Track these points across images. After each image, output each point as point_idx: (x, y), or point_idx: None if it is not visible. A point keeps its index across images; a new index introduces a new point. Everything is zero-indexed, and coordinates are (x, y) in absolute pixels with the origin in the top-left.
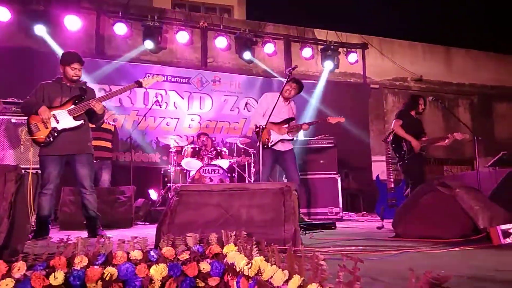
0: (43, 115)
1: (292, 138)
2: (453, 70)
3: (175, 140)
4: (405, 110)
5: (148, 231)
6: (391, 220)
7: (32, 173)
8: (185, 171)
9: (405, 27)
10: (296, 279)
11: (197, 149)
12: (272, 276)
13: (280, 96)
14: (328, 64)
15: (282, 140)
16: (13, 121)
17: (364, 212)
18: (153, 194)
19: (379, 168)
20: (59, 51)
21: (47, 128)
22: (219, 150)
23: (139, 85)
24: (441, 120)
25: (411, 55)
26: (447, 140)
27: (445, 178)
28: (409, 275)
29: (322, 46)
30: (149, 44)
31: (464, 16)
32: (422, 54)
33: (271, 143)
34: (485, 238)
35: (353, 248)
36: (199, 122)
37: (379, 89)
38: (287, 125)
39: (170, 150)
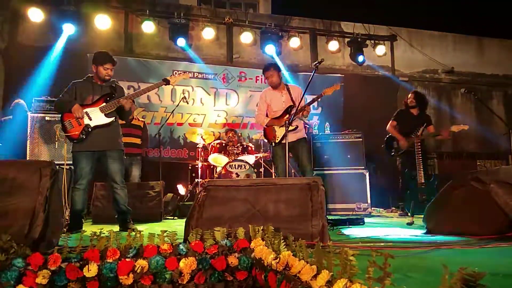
0: (76, 113)
1: (295, 127)
2: (485, 61)
3: (202, 136)
4: (404, 108)
5: (177, 225)
6: (421, 216)
7: (65, 168)
8: (212, 167)
9: (435, 18)
10: (325, 274)
11: (223, 144)
12: (300, 271)
13: (272, 89)
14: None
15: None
16: (47, 118)
17: (393, 208)
18: (181, 189)
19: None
20: (90, 50)
21: (80, 125)
22: (245, 146)
23: (167, 82)
24: (473, 113)
25: (441, 46)
26: (444, 135)
27: (478, 173)
28: (443, 271)
29: (349, 39)
30: (181, 42)
31: (496, 5)
32: (453, 45)
33: (278, 139)
34: None
35: (382, 244)
36: (225, 117)
37: (408, 82)
38: (287, 115)
39: (198, 146)
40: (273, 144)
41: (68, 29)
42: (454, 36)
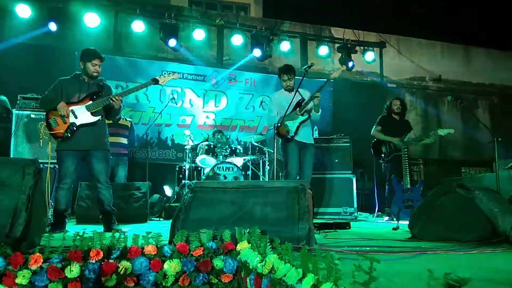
0: (61, 110)
1: (308, 117)
2: (472, 69)
3: (190, 137)
4: (386, 114)
5: (163, 227)
6: (407, 221)
7: (49, 167)
8: (199, 168)
9: (423, 26)
10: (310, 278)
11: (211, 146)
12: (285, 274)
13: (285, 91)
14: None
15: (301, 125)
16: (32, 116)
17: (379, 213)
18: (168, 190)
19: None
20: (77, 48)
21: (65, 123)
22: (233, 148)
23: (156, 82)
24: (459, 120)
25: (429, 54)
26: (429, 138)
27: (463, 180)
28: (428, 276)
29: (338, 45)
30: (172, 42)
31: (484, 15)
32: (441, 53)
33: (291, 133)
34: (504, 241)
35: (368, 248)
36: (214, 119)
37: (396, 89)
38: (298, 109)
39: (185, 147)
40: (288, 137)
41: (54, 26)
42: (442, 45)
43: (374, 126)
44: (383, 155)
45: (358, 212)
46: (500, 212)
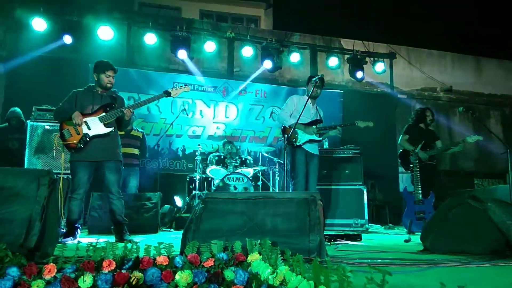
0: (76, 119)
1: (320, 139)
2: (484, 80)
3: (200, 148)
4: (413, 123)
5: (173, 237)
6: (419, 233)
7: (62, 178)
8: (210, 179)
9: (434, 37)
10: None
11: (222, 157)
12: (297, 287)
13: (308, 98)
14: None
15: (310, 141)
16: (46, 127)
17: (391, 225)
18: (179, 201)
19: (407, 180)
20: (91, 60)
21: (78, 134)
22: (243, 159)
23: (168, 95)
24: (471, 132)
25: (440, 65)
26: (459, 146)
27: (476, 191)
28: None
29: (348, 56)
30: (182, 54)
31: (495, 26)
32: (452, 64)
33: (298, 142)
34: None
35: (379, 260)
36: (224, 130)
37: (407, 99)
38: (315, 126)
39: (196, 157)
40: (294, 145)
41: (69, 39)
42: (452, 55)
43: (402, 135)
44: (411, 165)
45: (369, 224)
46: None
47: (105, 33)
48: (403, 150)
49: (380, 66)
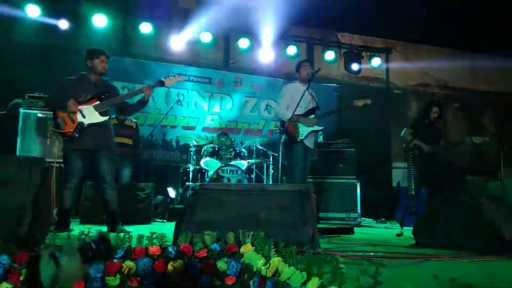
0: (71, 107)
1: (322, 128)
2: (479, 77)
3: (195, 139)
4: (420, 118)
5: (166, 228)
6: (411, 228)
7: (55, 166)
8: (203, 171)
9: (430, 32)
10: (315, 281)
11: (216, 149)
12: (289, 278)
13: (302, 83)
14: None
15: (311, 133)
16: (39, 115)
17: (383, 219)
18: (172, 192)
19: (400, 175)
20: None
21: (73, 122)
22: (238, 151)
23: (162, 84)
24: (465, 128)
25: (436, 61)
26: (463, 144)
27: (469, 188)
28: (434, 282)
29: (345, 50)
30: (177, 44)
31: (490, 23)
32: (447, 60)
33: (301, 136)
34: (509, 249)
35: (371, 253)
36: (219, 122)
37: (402, 94)
38: (313, 115)
39: (190, 149)
40: (297, 140)
41: (64, 25)
42: (449, 52)
43: (406, 129)
44: (420, 158)
45: (362, 218)
46: (505, 220)
47: (100, 21)
48: (408, 143)
49: (376, 61)
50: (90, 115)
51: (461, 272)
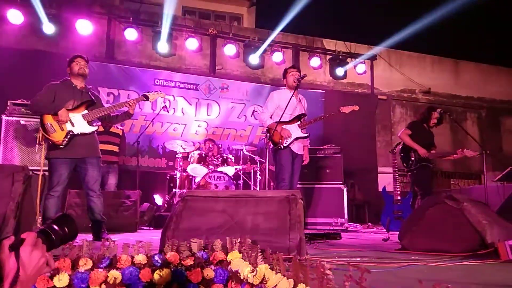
0: (63, 116)
1: (307, 135)
2: (461, 83)
3: (181, 146)
4: (418, 121)
5: (153, 236)
6: (397, 232)
7: (40, 174)
8: (190, 177)
9: (414, 39)
10: None
11: (203, 155)
12: (277, 285)
13: (289, 90)
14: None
15: (297, 139)
16: (22, 122)
17: (370, 224)
18: (158, 199)
19: (385, 180)
20: (69, 54)
21: (62, 130)
22: (225, 157)
23: (146, 99)
24: (448, 133)
25: (419, 67)
26: (455, 155)
27: (452, 192)
28: (418, 287)
29: (330, 56)
30: (163, 48)
31: (473, 30)
32: (431, 66)
33: (285, 143)
34: (492, 253)
35: (358, 259)
36: (206, 128)
37: (386, 100)
38: (299, 122)
39: (177, 155)
40: (281, 147)
41: (47, 30)
42: (432, 58)
43: (404, 129)
44: (410, 162)
45: (349, 223)
46: (488, 224)
47: (84, 27)
48: (403, 145)
49: (361, 67)
50: (79, 124)
51: (445, 276)
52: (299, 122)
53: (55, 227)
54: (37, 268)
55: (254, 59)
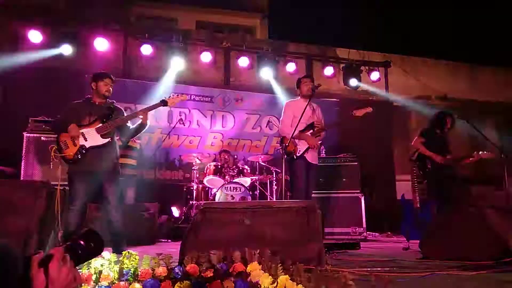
0: (72, 132)
1: (321, 143)
2: (478, 88)
3: (197, 158)
4: (430, 127)
5: (171, 248)
6: (417, 241)
7: (60, 189)
8: (207, 189)
9: (428, 45)
10: None
11: (219, 166)
12: None
13: (303, 99)
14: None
15: (309, 148)
16: (43, 138)
17: (389, 232)
18: (176, 211)
19: (403, 188)
20: (88, 71)
21: (75, 145)
22: (241, 168)
23: (164, 104)
24: (466, 139)
25: (434, 73)
26: (471, 159)
27: (473, 198)
28: None
29: (343, 65)
30: (178, 64)
31: (489, 34)
32: (446, 72)
33: (299, 152)
34: None
35: (379, 269)
36: (221, 140)
37: (402, 107)
38: (311, 131)
39: (193, 167)
40: (295, 157)
41: (66, 50)
42: (447, 63)
43: (417, 137)
44: (427, 169)
45: (367, 232)
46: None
47: (101, 44)
48: (419, 153)
49: (375, 75)
50: (91, 138)
51: (468, 286)
52: (311, 131)
53: (82, 242)
54: (65, 284)
55: (267, 70)
